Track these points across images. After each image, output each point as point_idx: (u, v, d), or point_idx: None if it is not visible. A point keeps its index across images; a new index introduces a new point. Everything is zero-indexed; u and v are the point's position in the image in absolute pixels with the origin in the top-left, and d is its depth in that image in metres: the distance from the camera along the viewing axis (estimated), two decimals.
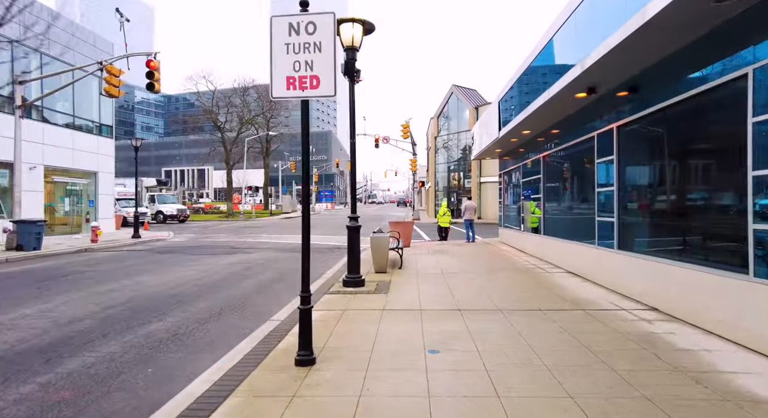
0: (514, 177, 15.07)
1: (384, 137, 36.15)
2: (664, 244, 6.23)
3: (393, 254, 11.04)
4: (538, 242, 11.51)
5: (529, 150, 12.72)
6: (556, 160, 10.56)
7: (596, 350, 4.31)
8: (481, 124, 15.52)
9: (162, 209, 34.79)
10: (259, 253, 14.14)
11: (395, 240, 10.95)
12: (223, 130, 42.97)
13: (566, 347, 4.46)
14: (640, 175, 6.97)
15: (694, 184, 5.76)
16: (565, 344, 4.54)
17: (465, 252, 13.23)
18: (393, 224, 15.12)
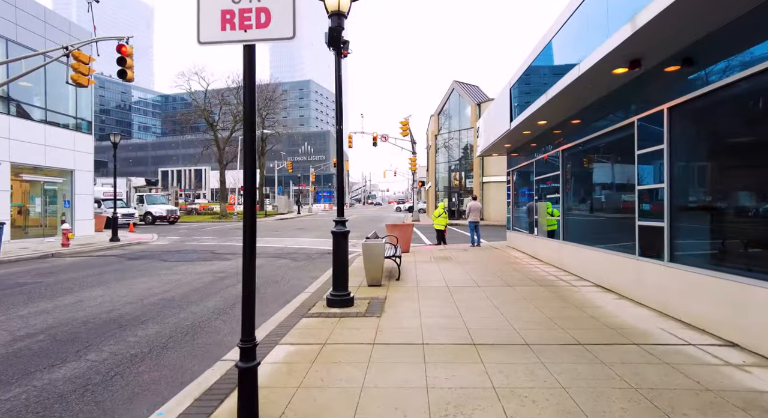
0: (524, 175, 13.64)
1: (383, 135, 34.73)
2: (736, 257, 4.80)
3: (390, 262, 9.62)
4: (555, 249, 10.08)
5: (543, 144, 11.30)
6: (579, 154, 9.13)
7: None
8: (487, 117, 14.10)
9: (151, 209, 33.38)
10: (241, 260, 12.68)
11: (392, 246, 9.52)
12: (216, 128, 41.51)
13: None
14: (701, 170, 5.53)
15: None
16: (640, 412, 3.10)
17: (471, 258, 11.79)
18: (390, 227, 13.69)
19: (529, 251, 12.40)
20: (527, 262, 11.00)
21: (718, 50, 4.80)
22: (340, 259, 6.45)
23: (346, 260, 6.53)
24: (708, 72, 4.98)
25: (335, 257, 6.46)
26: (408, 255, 12.65)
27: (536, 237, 11.66)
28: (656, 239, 5.86)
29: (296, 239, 19.41)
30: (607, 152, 7.98)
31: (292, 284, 8.90)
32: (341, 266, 6.42)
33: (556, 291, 7.36)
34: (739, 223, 4.82)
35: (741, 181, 4.84)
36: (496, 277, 8.81)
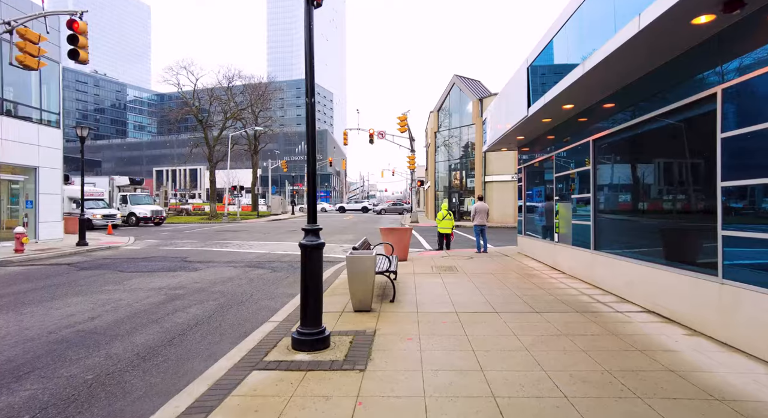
0: (538, 172, 11.88)
1: (379, 132, 32.96)
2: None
3: (383, 278, 7.87)
4: (586, 261, 8.31)
5: (564, 135, 9.55)
6: (618, 144, 7.37)
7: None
8: (497, 106, 12.34)
9: (135, 210, 31.54)
10: (212, 269, 10.90)
11: (386, 258, 7.75)
12: (206, 125, 39.67)
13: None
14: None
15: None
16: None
17: (480, 269, 10.03)
18: (385, 231, 11.91)
19: (547, 261, 10.64)
20: (548, 275, 9.23)
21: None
22: (312, 282, 4.68)
23: (318, 283, 4.75)
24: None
25: (305, 280, 4.69)
26: (406, 264, 10.88)
27: (557, 244, 9.89)
28: (762, 254, 4.10)
29: (283, 243, 17.62)
30: (659, 140, 6.22)
31: (260, 306, 7.12)
32: (312, 291, 4.65)
33: (600, 321, 5.59)
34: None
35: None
36: (516, 297, 7.03)
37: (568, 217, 9.13)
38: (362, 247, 7.67)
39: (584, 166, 8.38)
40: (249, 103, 43.63)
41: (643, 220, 6.68)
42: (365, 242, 8.13)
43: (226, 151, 42.47)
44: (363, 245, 7.85)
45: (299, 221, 37.05)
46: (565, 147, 9.39)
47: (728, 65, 4.60)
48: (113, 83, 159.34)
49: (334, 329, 5.26)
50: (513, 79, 10.35)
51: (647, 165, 6.67)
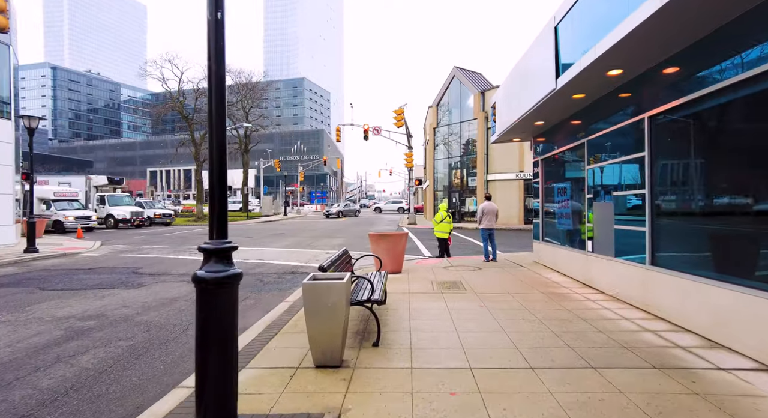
0: (559, 165, 9.81)
1: (374, 128, 30.88)
2: None
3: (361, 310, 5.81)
4: (636, 278, 6.23)
5: (598, 116, 7.48)
6: (691, 121, 5.28)
7: None
8: (507, 88, 10.25)
9: (113, 211, 29.36)
10: (159, 286, 8.79)
11: (367, 281, 5.65)
12: (192, 121, 37.51)
13: None
14: None
15: None
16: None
17: (493, 287, 7.93)
18: (375, 237, 9.81)
19: (574, 274, 8.55)
20: (581, 295, 7.13)
21: None
22: (217, 348, 2.59)
23: (227, 349, 2.66)
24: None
25: (202, 344, 2.60)
26: (399, 278, 8.78)
27: (590, 255, 7.80)
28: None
29: (263, 249, 15.52)
30: (750, 113, 4.15)
31: (187, 349, 5.01)
32: (216, 364, 2.56)
33: (706, 392, 3.49)
34: None
35: None
36: (553, 335, 4.94)
37: (608, 220, 7.04)
38: (338, 263, 5.58)
39: (634, 153, 6.30)
40: (239, 98, 41.45)
41: (736, 226, 4.60)
42: (342, 257, 6.04)
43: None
44: (340, 261, 5.76)
45: (290, 223, 34.94)
46: (603, 130, 7.30)
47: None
48: (107, 83, 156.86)
49: (271, 412, 3.16)
50: (533, 48, 8.26)
51: (734, 150, 4.60)
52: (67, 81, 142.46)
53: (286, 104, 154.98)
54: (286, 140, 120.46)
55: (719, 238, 4.87)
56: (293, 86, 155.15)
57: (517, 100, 9.31)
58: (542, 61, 7.60)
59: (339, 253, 6.14)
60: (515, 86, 9.57)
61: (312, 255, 13.86)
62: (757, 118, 4.30)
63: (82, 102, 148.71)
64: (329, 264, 5.00)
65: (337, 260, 5.71)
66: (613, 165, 7.00)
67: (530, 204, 29.00)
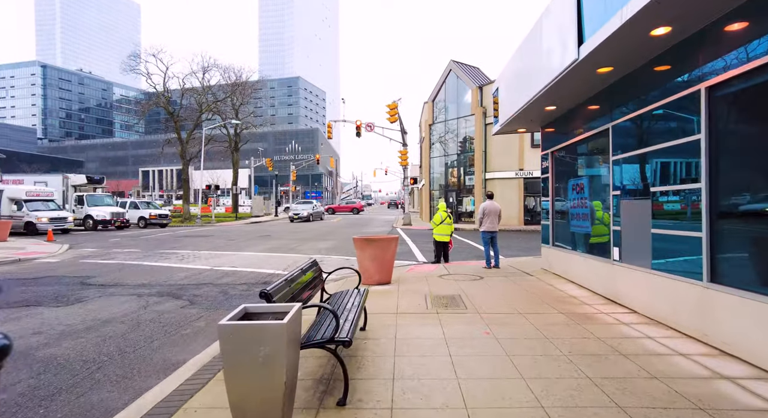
0: (579, 157, 8.43)
1: (367, 124, 29.47)
2: None
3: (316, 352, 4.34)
4: (690, 299, 4.85)
5: (627, 96, 6.12)
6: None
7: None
8: (513, 68, 8.84)
9: (92, 212, 27.81)
10: (101, 301, 7.35)
11: (330, 315, 4.23)
12: (178, 118, 35.97)
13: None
14: None
15: None
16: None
17: (500, 303, 6.54)
18: (361, 242, 8.39)
19: (595, 286, 7.18)
20: (610, 314, 5.75)
21: None
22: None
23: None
24: None
25: None
26: (388, 292, 7.38)
27: (617, 265, 6.42)
28: None
29: (239, 255, 14.08)
30: None
31: (86, 403, 3.58)
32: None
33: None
34: None
35: None
36: (590, 383, 3.54)
37: (642, 222, 5.65)
38: (297, 282, 4.17)
39: (681, 136, 4.92)
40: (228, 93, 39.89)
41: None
42: (307, 272, 4.63)
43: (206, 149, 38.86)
44: (304, 279, 4.35)
45: (279, 224, 33.47)
46: (636, 111, 5.91)
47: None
48: (98, 81, 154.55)
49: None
50: (546, 15, 6.86)
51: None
52: (57, 80, 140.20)
53: (281, 104, 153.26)
54: (280, 140, 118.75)
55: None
56: (288, 85, 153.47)
57: (526, 81, 7.92)
58: (559, 29, 6.21)
59: (303, 266, 4.74)
60: (523, 64, 8.18)
61: (293, 261, 12.44)
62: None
63: (73, 101, 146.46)
64: (279, 286, 3.58)
65: (298, 276, 4.31)
66: (649, 154, 5.61)
67: (530, 204, 27.68)
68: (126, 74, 36.45)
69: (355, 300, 4.82)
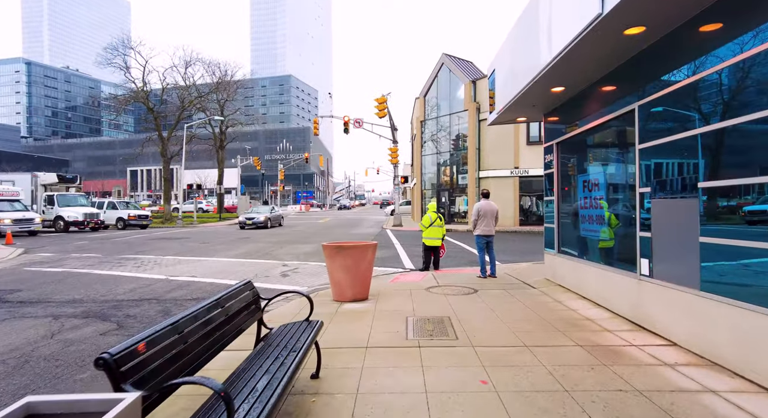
0: (591, 148, 7.11)
1: (356, 120, 28.07)
2: None
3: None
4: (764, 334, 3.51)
5: (653, 71, 4.80)
6: None
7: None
8: (516, 41, 7.49)
9: (63, 213, 26.16)
10: (1, 327, 5.91)
11: (225, 402, 2.82)
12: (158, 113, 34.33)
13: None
14: None
15: None
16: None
17: (499, 330, 5.20)
18: (331, 250, 6.99)
19: (617, 307, 5.85)
20: (643, 348, 4.41)
21: None
22: None
23: None
24: None
25: None
26: (362, 312, 6.00)
27: (645, 281, 5.09)
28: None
29: (208, 260, 12.64)
30: None
31: None
32: None
33: None
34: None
35: None
36: None
37: (686, 228, 4.33)
38: (200, 323, 2.77)
39: (745, 113, 3.60)
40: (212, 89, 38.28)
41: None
42: (232, 301, 3.24)
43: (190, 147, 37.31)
44: (213, 316, 2.97)
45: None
46: (675, 84, 4.58)
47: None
48: (86, 79, 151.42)
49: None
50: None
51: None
52: (42, 77, 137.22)
53: (272, 102, 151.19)
54: (271, 139, 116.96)
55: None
56: (279, 84, 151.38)
57: (530, 55, 6.57)
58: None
59: (224, 293, 3.34)
60: (527, 34, 6.83)
61: (263, 269, 11.02)
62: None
63: (59, 99, 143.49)
64: (154, 337, 2.18)
65: (207, 312, 2.92)
66: (696, 138, 4.28)
67: (526, 204, 26.44)
68: (102, 68, 34.66)
69: (299, 339, 3.45)
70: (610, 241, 6.23)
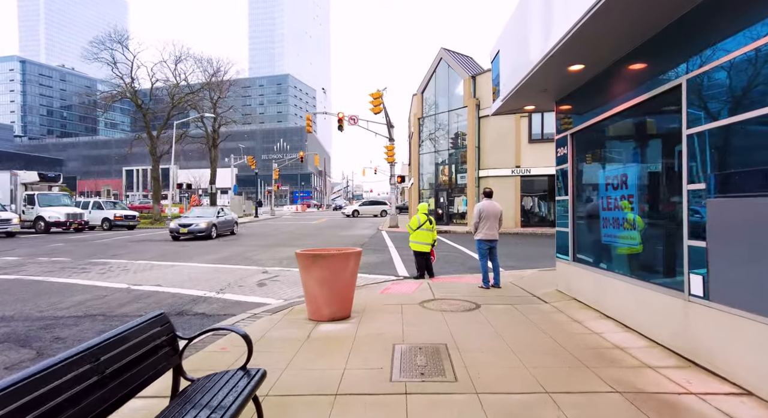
0: (612, 140, 6.00)
1: (351, 117, 26.97)
2: None
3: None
4: None
5: (709, 34, 3.69)
6: None
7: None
8: (526, 10, 6.39)
9: (44, 213, 25.02)
10: None
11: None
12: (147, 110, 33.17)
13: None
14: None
15: None
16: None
17: (509, 365, 4.09)
18: (306, 260, 5.83)
19: (655, 333, 4.75)
20: (704, 397, 3.30)
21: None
22: None
23: None
24: None
25: None
26: (340, 336, 4.87)
27: (700, 304, 3.99)
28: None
29: (181, 266, 11.51)
30: None
31: None
32: None
33: None
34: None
35: None
36: None
37: (761, 236, 3.22)
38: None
39: None
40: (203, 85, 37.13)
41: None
42: (122, 347, 2.09)
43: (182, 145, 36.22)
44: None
45: (256, 225, 30.80)
46: (744, 47, 3.46)
47: None
48: (82, 78, 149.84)
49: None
50: None
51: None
52: (37, 75, 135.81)
53: (270, 102, 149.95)
54: (268, 138, 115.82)
55: None
56: (277, 83, 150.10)
57: (546, 23, 5.46)
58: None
59: (103, 340, 2.21)
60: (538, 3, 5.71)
61: (239, 276, 9.89)
62: None
63: (54, 98, 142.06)
64: None
65: (49, 383, 1.78)
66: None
67: (528, 204, 25.34)
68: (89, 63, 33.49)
69: (227, 396, 2.33)
70: (639, 247, 5.14)
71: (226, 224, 22.19)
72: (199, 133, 40.76)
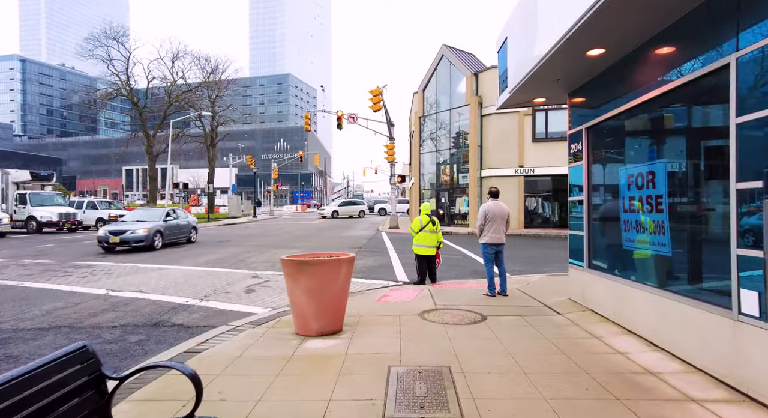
0: (634, 134, 5.39)
1: (350, 115, 26.36)
2: None
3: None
4: None
5: (749, 12, 3.05)
6: None
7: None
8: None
9: (36, 213, 24.44)
10: None
11: None
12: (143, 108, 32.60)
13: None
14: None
15: None
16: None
17: (523, 393, 3.47)
18: (292, 267, 5.21)
19: (691, 355, 4.13)
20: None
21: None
22: None
23: None
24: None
25: None
26: (327, 355, 4.25)
27: (755, 326, 3.35)
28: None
29: (169, 269, 10.90)
30: None
31: None
32: None
33: None
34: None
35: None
36: None
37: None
38: None
39: None
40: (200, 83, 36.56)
41: None
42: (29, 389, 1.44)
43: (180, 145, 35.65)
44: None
45: (254, 226, 30.20)
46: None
47: None
48: (82, 77, 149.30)
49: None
50: None
51: None
52: (37, 74, 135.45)
53: (270, 101, 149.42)
54: (269, 138, 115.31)
55: None
56: (278, 82, 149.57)
57: (561, 2, 4.84)
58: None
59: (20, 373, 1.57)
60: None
61: (227, 281, 9.28)
62: None
63: (54, 97, 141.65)
64: None
65: None
66: None
67: (531, 205, 24.71)
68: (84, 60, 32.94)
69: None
70: (669, 255, 4.52)
71: (178, 229, 17.28)
72: (197, 132, 40.24)
